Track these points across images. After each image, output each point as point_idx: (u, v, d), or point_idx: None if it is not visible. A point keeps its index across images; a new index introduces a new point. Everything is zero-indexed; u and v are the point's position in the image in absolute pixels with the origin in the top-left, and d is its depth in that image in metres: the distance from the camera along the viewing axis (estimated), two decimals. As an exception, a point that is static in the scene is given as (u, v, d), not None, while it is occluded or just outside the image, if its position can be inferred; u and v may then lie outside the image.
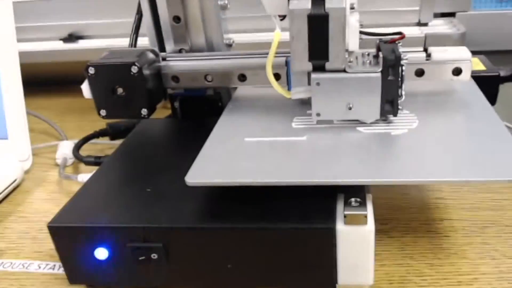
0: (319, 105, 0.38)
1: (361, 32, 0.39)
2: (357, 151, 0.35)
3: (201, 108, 0.49)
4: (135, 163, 0.42)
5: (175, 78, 0.45)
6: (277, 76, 0.41)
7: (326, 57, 0.36)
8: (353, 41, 0.36)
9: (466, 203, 0.41)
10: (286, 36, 0.37)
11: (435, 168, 0.32)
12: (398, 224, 0.39)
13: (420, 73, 0.42)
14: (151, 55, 0.45)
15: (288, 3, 0.35)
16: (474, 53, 0.51)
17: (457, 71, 0.42)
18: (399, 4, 0.67)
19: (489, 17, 0.69)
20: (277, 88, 0.39)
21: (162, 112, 0.52)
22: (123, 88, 0.43)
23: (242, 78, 0.44)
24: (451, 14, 0.68)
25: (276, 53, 0.38)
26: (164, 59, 0.46)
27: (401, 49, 0.36)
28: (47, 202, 0.48)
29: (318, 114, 0.38)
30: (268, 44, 0.38)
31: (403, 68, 0.36)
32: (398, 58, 0.35)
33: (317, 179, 0.32)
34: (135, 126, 0.49)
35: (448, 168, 0.32)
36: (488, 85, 0.48)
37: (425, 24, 0.66)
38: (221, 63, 0.45)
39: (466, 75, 0.42)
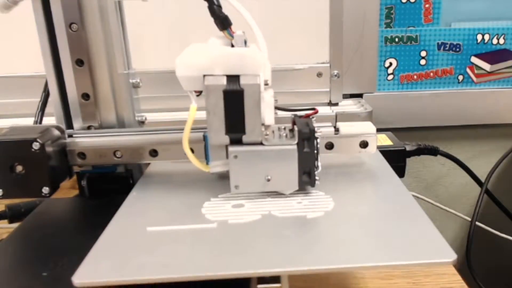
0: (238, 178, 0.37)
1: (276, 108, 0.40)
2: (272, 238, 0.32)
3: (110, 186, 0.47)
4: (31, 246, 0.39)
5: (81, 155, 0.43)
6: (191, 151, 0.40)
7: (243, 131, 0.36)
8: (268, 116, 0.37)
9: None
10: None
11: (352, 254, 0.30)
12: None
13: (330, 146, 0.43)
14: (56, 132, 0.43)
15: (204, 79, 0.35)
16: (381, 130, 0.54)
17: (363, 144, 0.43)
18: (312, 86, 0.70)
19: (392, 97, 0.75)
20: (195, 162, 0.38)
21: (71, 192, 0.48)
22: (22, 166, 0.40)
23: (154, 153, 0.43)
24: (359, 95, 0.73)
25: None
26: (70, 135, 0.44)
27: (314, 123, 0.37)
28: None
29: (236, 187, 0.37)
30: (180, 122, 0.38)
31: (318, 140, 0.37)
32: (312, 131, 0.36)
33: (226, 271, 0.28)
34: (37, 206, 0.45)
35: (367, 254, 0.30)
36: (396, 159, 0.51)
37: (336, 104, 0.70)
38: (131, 138, 0.44)
39: (372, 148, 0.43)
